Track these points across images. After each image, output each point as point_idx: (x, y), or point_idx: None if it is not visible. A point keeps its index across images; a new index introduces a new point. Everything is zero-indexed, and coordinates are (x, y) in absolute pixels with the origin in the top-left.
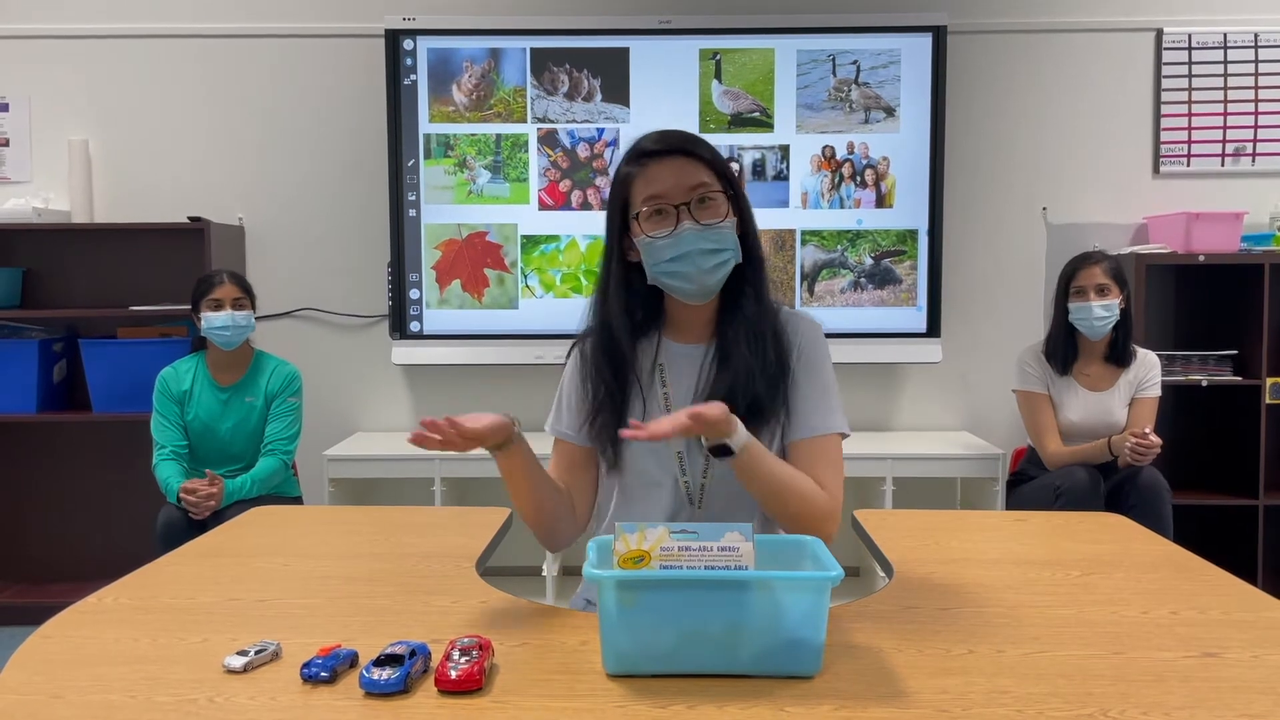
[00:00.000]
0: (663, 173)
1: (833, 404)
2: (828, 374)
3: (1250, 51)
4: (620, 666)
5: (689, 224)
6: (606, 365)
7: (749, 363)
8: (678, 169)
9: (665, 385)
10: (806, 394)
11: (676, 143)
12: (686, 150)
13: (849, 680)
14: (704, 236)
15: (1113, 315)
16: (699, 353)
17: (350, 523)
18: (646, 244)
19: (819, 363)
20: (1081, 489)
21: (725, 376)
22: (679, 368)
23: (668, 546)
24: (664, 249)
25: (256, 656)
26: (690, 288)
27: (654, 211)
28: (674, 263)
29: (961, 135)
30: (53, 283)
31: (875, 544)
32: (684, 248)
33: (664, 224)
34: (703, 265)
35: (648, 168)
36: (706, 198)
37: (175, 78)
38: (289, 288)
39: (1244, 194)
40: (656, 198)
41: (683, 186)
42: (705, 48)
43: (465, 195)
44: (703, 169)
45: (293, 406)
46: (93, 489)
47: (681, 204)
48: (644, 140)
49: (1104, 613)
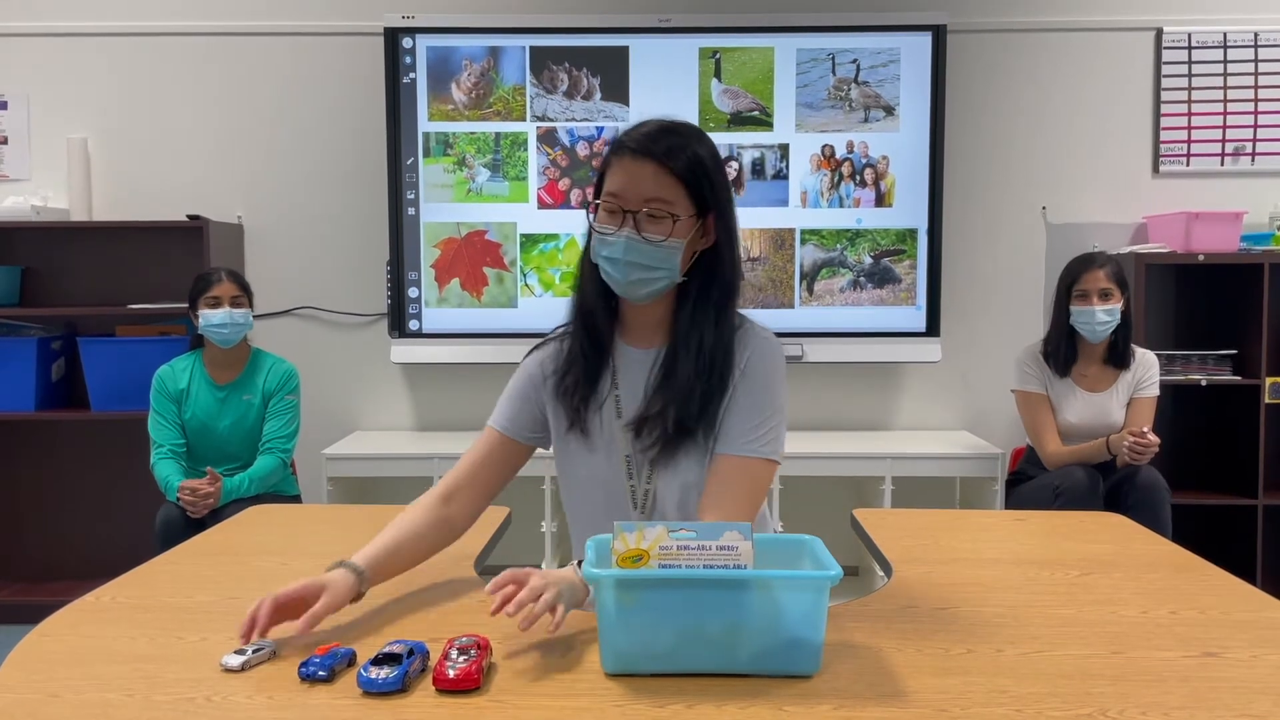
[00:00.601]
0: (629, 173)
1: (765, 427)
2: (769, 395)
3: (1250, 51)
4: (619, 666)
5: (628, 233)
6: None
7: (690, 381)
8: (644, 175)
9: (617, 388)
10: (739, 411)
11: (655, 149)
12: (662, 159)
13: (848, 680)
14: (637, 250)
15: (1114, 319)
16: (649, 358)
17: (349, 521)
18: (595, 234)
19: (762, 382)
20: (1081, 489)
21: (666, 392)
22: (630, 371)
23: (666, 545)
24: (603, 244)
25: (254, 656)
26: (620, 290)
27: (608, 209)
28: (608, 262)
29: (961, 134)
30: (51, 281)
31: (874, 543)
32: (617, 254)
33: (612, 222)
34: (629, 276)
35: (622, 161)
36: (656, 215)
37: (174, 76)
38: (288, 286)
39: (1243, 193)
40: (614, 196)
41: (640, 195)
42: (705, 46)
43: (464, 194)
44: (670, 183)
45: (290, 404)
46: (91, 487)
47: (631, 211)
48: (634, 132)
49: (1103, 612)
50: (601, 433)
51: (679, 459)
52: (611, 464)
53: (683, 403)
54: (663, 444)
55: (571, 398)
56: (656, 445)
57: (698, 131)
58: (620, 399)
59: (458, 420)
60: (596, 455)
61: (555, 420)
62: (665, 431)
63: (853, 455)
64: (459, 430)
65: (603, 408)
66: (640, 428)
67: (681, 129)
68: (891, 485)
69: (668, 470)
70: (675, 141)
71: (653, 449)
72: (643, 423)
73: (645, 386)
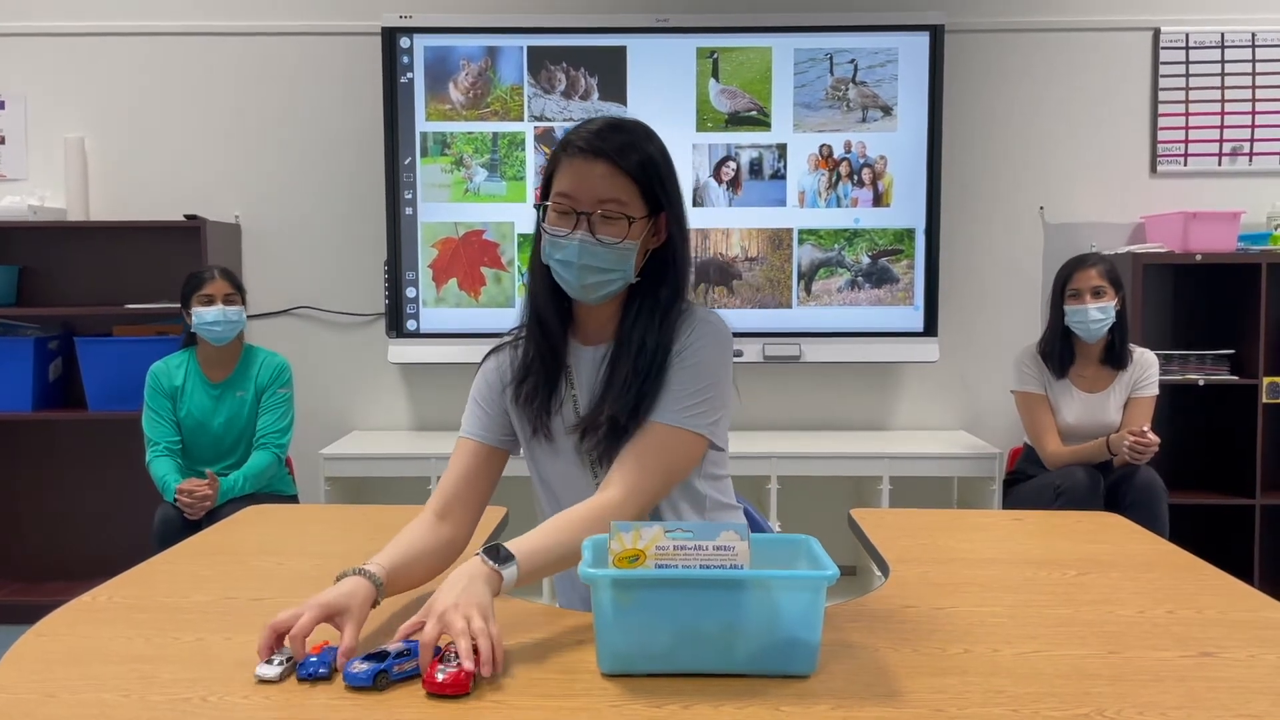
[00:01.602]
0: (580, 174)
1: (699, 398)
2: (705, 370)
3: (1247, 51)
4: (616, 666)
5: (582, 235)
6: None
7: (631, 380)
8: (596, 176)
9: (573, 387)
10: (672, 384)
11: (606, 148)
12: (613, 159)
13: (845, 680)
14: (592, 253)
15: (1108, 318)
16: (599, 355)
17: (346, 521)
18: (545, 236)
19: (699, 357)
20: (1081, 489)
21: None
22: (584, 371)
23: (663, 545)
24: (555, 247)
25: (288, 664)
26: (573, 293)
27: (560, 210)
28: (560, 265)
29: (959, 134)
30: (48, 280)
31: (871, 543)
32: (569, 256)
33: (564, 224)
34: (584, 279)
35: (572, 161)
36: (610, 216)
37: (172, 75)
38: (285, 286)
39: (1241, 193)
40: (566, 197)
41: (593, 196)
42: (703, 46)
43: (462, 193)
44: (623, 183)
45: (284, 398)
46: (88, 487)
47: (584, 212)
48: (582, 130)
49: (1100, 612)
50: (565, 435)
51: None
52: (577, 463)
53: (622, 403)
54: (605, 445)
55: (531, 405)
56: (599, 446)
57: (646, 129)
58: (577, 399)
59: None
60: (561, 457)
61: (520, 426)
62: (604, 432)
63: (850, 455)
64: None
65: (562, 409)
66: (584, 431)
67: (630, 126)
68: (889, 485)
69: None
70: (626, 140)
71: (595, 449)
72: (585, 426)
73: (597, 384)
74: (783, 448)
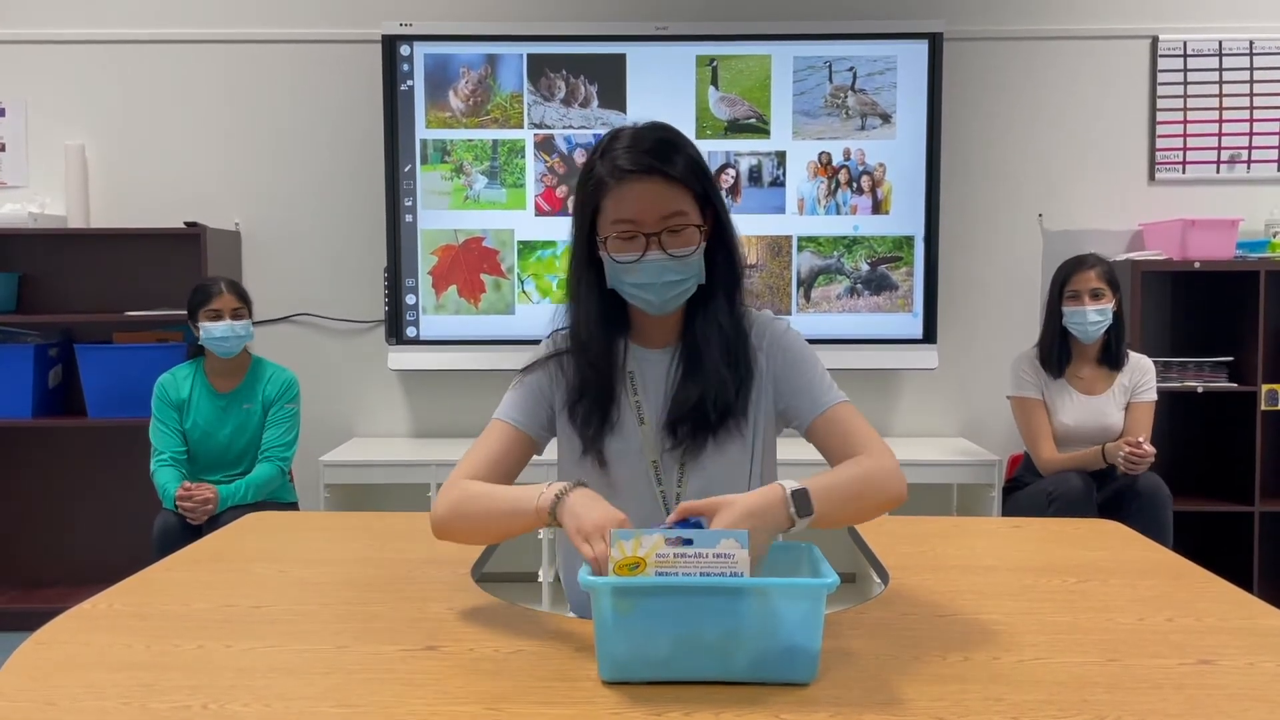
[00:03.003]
0: (636, 196)
1: (825, 379)
2: (812, 359)
3: (1245, 59)
4: (616, 674)
5: (657, 254)
6: (587, 363)
7: (719, 369)
8: (653, 194)
9: (636, 393)
10: (799, 380)
11: (652, 162)
12: (664, 172)
13: (844, 687)
14: (670, 268)
15: (1106, 319)
16: (665, 358)
17: (346, 529)
18: (612, 264)
19: (797, 351)
20: (1074, 495)
21: (695, 384)
22: (647, 374)
23: (663, 553)
24: (628, 272)
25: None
26: (652, 310)
27: (625, 236)
28: (636, 288)
29: (957, 142)
30: (49, 287)
31: (871, 550)
32: (648, 277)
33: (632, 249)
34: (665, 294)
35: (622, 185)
36: (676, 228)
37: (172, 83)
38: (286, 293)
39: (1239, 201)
40: (628, 223)
41: (656, 215)
42: (702, 54)
43: (462, 201)
44: (679, 193)
45: (290, 413)
46: (88, 494)
47: (652, 234)
48: (619, 151)
49: (1099, 620)
50: (625, 444)
51: (707, 455)
52: (636, 472)
53: (716, 391)
54: (696, 438)
55: (587, 427)
56: (686, 441)
57: (673, 129)
58: (641, 405)
59: (455, 427)
60: (617, 469)
61: (567, 442)
62: (705, 422)
63: None
64: (456, 437)
65: (622, 420)
66: (675, 424)
67: (666, 133)
68: None
69: (698, 468)
70: (667, 149)
71: (680, 446)
72: (677, 419)
73: (666, 386)
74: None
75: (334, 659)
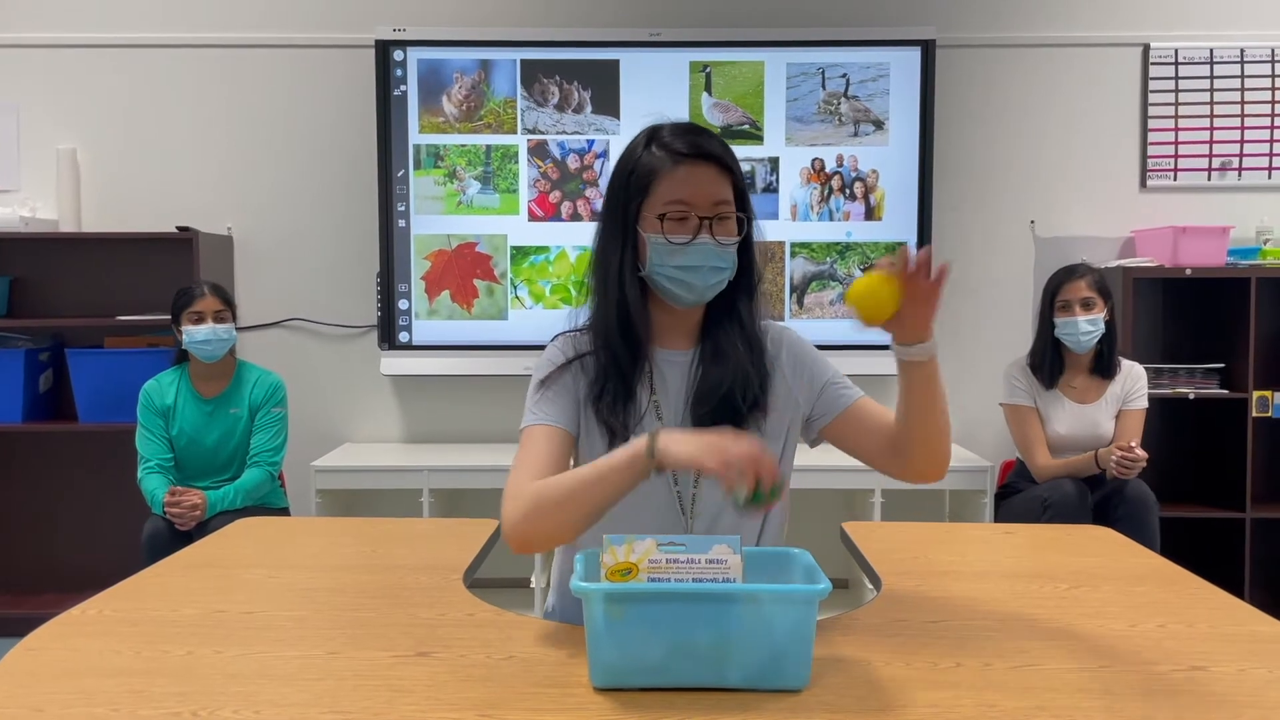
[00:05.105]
0: (694, 179)
1: (840, 377)
2: (826, 360)
3: (1236, 67)
4: (608, 680)
5: (708, 239)
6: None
7: (744, 364)
8: (709, 179)
9: (655, 392)
10: (820, 379)
11: (712, 150)
12: (720, 161)
13: (837, 694)
14: (718, 255)
15: (1098, 329)
16: (685, 359)
17: (337, 534)
18: (660, 244)
19: (812, 354)
20: (1069, 501)
21: (721, 374)
22: (666, 374)
23: (655, 559)
24: (676, 255)
25: None
26: (689, 297)
27: (677, 217)
28: (681, 270)
29: (950, 148)
30: (40, 292)
31: (863, 556)
32: (696, 260)
33: (683, 230)
34: (708, 280)
35: (680, 167)
36: (726, 216)
37: (164, 87)
38: (278, 298)
39: (1230, 208)
40: (683, 204)
41: (709, 199)
42: (695, 60)
43: (455, 206)
44: (727, 184)
45: (278, 417)
46: (78, 499)
47: (705, 217)
48: (674, 135)
49: (1091, 626)
50: None
51: None
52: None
53: (744, 383)
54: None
55: (611, 419)
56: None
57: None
58: (660, 405)
59: (447, 432)
60: None
61: (588, 440)
62: (733, 410)
63: (842, 468)
64: (449, 443)
65: (644, 418)
66: (701, 415)
67: (706, 129)
68: (881, 498)
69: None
70: (719, 142)
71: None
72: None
73: (686, 387)
74: None
75: (325, 665)
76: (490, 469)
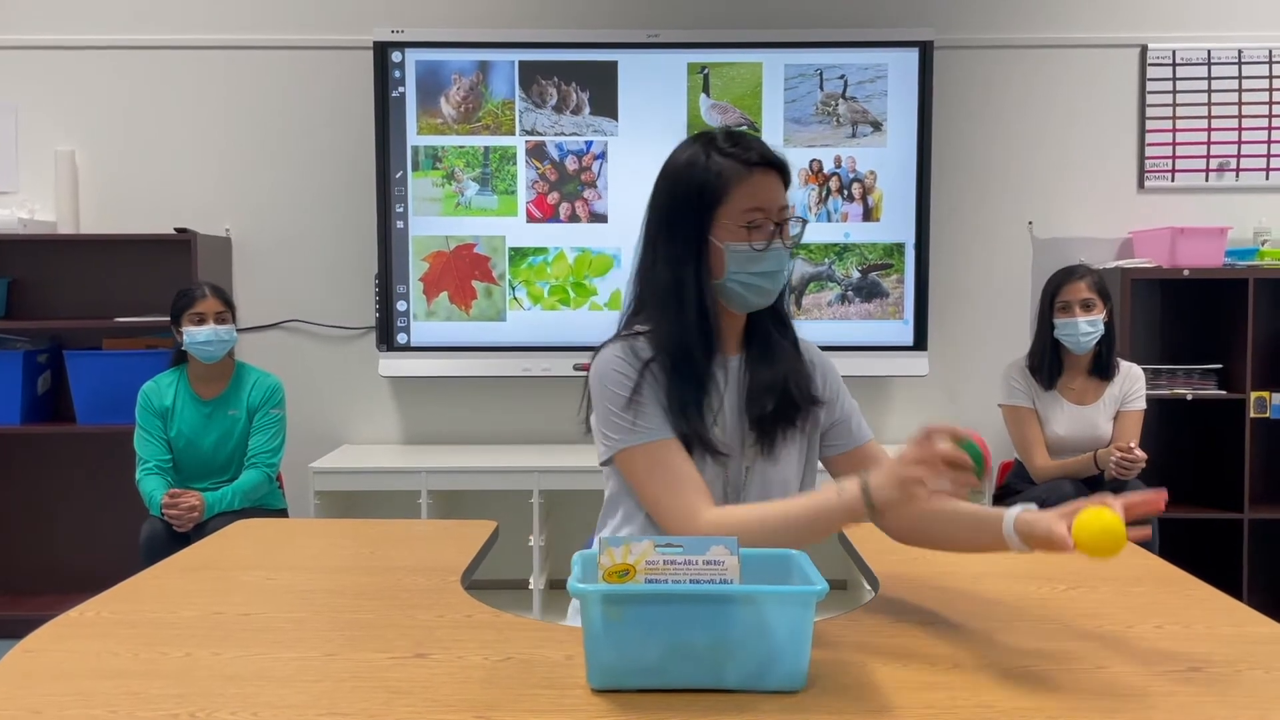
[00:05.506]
0: (767, 186)
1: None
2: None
3: (1234, 68)
4: (605, 681)
5: (779, 244)
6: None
7: (794, 360)
8: (776, 186)
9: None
10: (849, 407)
11: (777, 160)
12: (784, 170)
13: (834, 695)
14: (786, 260)
15: (1098, 330)
16: (732, 364)
17: (335, 536)
18: (739, 251)
19: (839, 378)
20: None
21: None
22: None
23: (653, 560)
24: (756, 260)
25: None
26: (760, 301)
27: (752, 225)
28: (759, 276)
29: (948, 149)
30: (38, 293)
31: (861, 557)
32: (772, 265)
33: (759, 237)
34: (778, 284)
35: (754, 175)
36: (787, 219)
37: (163, 89)
38: (276, 299)
39: (1228, 209)
40: (761, 211)
41: (778, 204)
42: (693, 61)
43: (453, 207)
44: (784, 190)
45: (276, 418)
46: (76, 501)
47: (778, 223)
48: (738, 144)
49: (1089, 626)
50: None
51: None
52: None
53: (796, 378)
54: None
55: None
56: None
57: None
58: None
59: (446, 434)
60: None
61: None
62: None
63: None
64: (447, 444)
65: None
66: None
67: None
68: None
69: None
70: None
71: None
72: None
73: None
74: None
75: (323, 667)
76: (489, 470)
